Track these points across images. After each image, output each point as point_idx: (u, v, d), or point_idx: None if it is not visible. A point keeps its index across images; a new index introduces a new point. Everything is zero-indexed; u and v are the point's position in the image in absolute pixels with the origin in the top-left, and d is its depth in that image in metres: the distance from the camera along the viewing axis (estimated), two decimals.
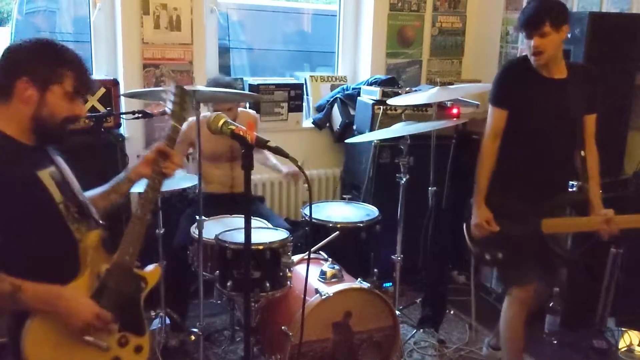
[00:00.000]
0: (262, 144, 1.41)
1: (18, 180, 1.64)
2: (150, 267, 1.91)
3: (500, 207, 2.57)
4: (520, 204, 2.54)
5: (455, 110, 3.60)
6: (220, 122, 1.45)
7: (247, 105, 3.77)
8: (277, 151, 1.44)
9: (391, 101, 3.23)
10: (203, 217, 2.59)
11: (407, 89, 3.69)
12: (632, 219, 2.49)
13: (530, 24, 2.44)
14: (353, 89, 4.06)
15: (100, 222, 1.85)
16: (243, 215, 1.75)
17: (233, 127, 1.43)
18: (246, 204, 1.42)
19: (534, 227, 2.50)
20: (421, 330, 3.27)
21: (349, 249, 2.96)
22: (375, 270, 3.08)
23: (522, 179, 2.57)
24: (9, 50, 1.73)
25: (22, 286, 1.58)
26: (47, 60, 1.69)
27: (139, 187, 1.93)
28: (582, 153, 2.56)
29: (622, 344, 3.21)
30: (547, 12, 2.41)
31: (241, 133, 1.40)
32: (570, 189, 2.55)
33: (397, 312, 2.81)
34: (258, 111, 3.76)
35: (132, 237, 1.81)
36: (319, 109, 4.19)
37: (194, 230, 2.71)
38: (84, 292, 1.71)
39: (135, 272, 1.84)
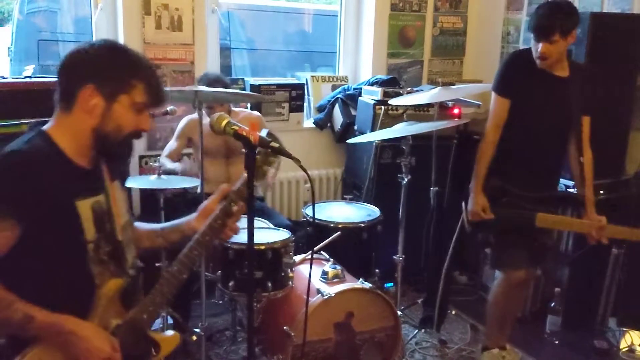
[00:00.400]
0: (265, 144, 1.41)
1: (53, 207, 1.47)
2: (168, 333, 1.72)
3: (498, 191, 2.65)
4: (517, 189, 2.63)
5: (456, 111, 3.60)
6: (224, 123, 1.45)
7: (249, 106, 3.77)
8: (279, 152, 1.44)
9: (392, 101, 3.23)
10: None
11: (409, 89, 3.69)
12: (622, 230, 2.59)
13: (541, 31, 2.49)
14: (354, 89, 4.06)
15: (130, 270, 1.66)
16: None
17: (236, 128, 1.43)
18: (249, 204, 1.41)
19: (528, 219, 2.58)
20: (423, 330, 3.27)
21: (351, 249, 2.96)
22: (377, 270, 3.08)
23: (520, 166, 2.64)
24: (74, 54, 1.55)
25: (34, 317, 1.43)
26: (117, 67, 1.52)
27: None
28: (581, 159, 2.63)
29: (623, 344, 3.21)
30: (559, 22, 2.46)
31: (244, 133, 1.40)
32: (569, 189, 2.60)
33: (399, 313, 2.81)
34: (259, 111, 3.76)
35: (157, 295, 1.61)
36: (320, 109, 4.19)
37: None
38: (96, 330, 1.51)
39: (150, 335, 1.64)
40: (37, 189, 1.43)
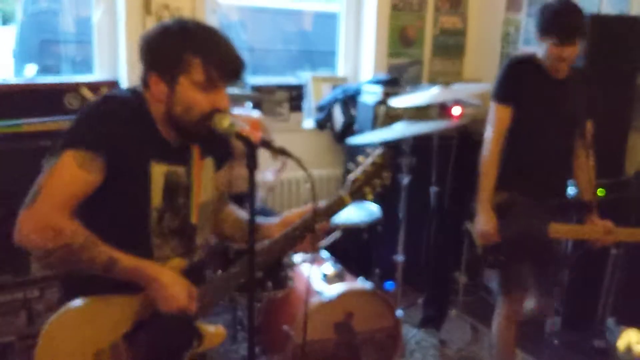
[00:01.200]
0: (267, 145, 1.42)
1: (131, 159, 1.47)
2: (213, 327, 1.63)
3: (506, 204, 2.53)
4: (526, 199, 2.52)
5: (456, 111, 3.60)
6: (225, 123, 1.45)
7: (250, 105, 3.77)
8: (280, 152, 1.44)
9: (393, 102, 3.24)
10: None
11: (409, 89, 3.70)
12: (631, 232, 2.53)
13: (567, 34, 2.37)
14: (354, 89, 4.07)
15: (198, 252, 1.63)
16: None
17: (238, 128, 1.44)
18: (251, 203, 1.42)
19: (540, 230, 2.46)
20: (423, 330, 3.28)
21: (351, 249, 2.97)
22: (377, 270, 3.09)
23: (528, 175, 2.53)
24: (141, 42, 1.52)
25: (119, 260, 1.43)
26: (167, 48, 1.46)
27: None
28: (591, 162, 2.58)
29: (621, 344, 3.22)
30: (581, 23, 2.39)
31: (245, 134, 1.41)
32: (571, 194, 2.57)
33: (399, 313, 2.82)
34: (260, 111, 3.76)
35: (217, 287, 1.59)
36: (320, 109, 4.19)
37: None
38: (131, 314, 1.52)
39: (195, 326, 1.59)
40: (124, 138, 1.45)
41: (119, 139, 1.45)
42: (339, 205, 1.63)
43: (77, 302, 1.49)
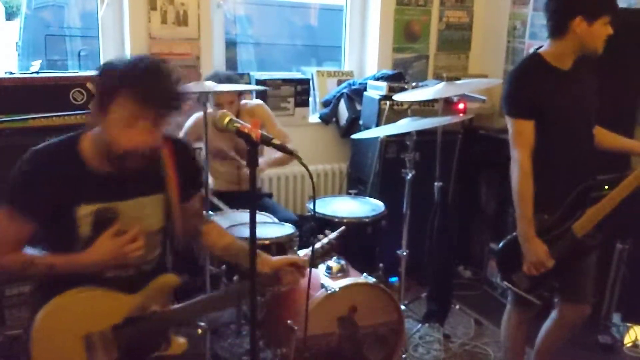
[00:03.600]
0: (267, 142, 1.42)
1: (54, 207, 1.66)
2: (180, 339, 1.86)
3: (545, 225, 2.34)
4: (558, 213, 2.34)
5: (461, 106, 3.60)
6: (226, 120, 1.46)
7: (253, 94, 3.77)
8: (281, 148, 1.45)
9: (397, 97, 3.22)
10: (210, 212, 2.61)
11: (414, 84, 3.69)
12: None
13: (617, 9, 2.28)
14: (359, 84, 4.06)
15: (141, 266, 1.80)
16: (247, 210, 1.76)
17: (238, 125, 1.44)
18: (252, 200, 1.43)
19: (570, 238, 2.33)
20: (426, 324, 3.28)
21: (355, 243, 2.97)
22: (381, 265, 3.09)
23: (562, 187, 2.34)
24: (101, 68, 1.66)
25: (55, 264, 1.66)
26: (104, 83, 1.59)
27: None
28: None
29: (627, 340, 3.21)
30: None
31: (246, 131, 1.41)
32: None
33: (403, 307, 2.83)
34: None
35: (195, 308, 1.82)
36: (325, 104, 4.19)
37: None
38: (124, 310, 1.72)
39: (169, 333, 1.82)
40: (47, 192, 1.62)
41: (40, 192, 1.61)
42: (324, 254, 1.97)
43: (74, 290, 1.67)
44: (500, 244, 2.50)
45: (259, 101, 3.53)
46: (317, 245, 1.92)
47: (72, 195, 1.64)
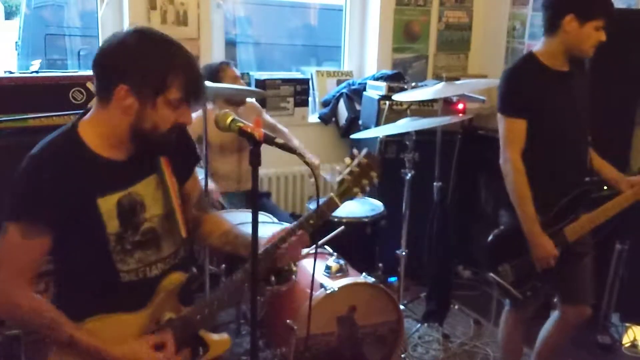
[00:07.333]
0: (270, 141, 1.42)
1: (74, 207, 1.45)
2: (217, 336, 1.68)
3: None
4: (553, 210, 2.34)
5: (461, 106, 3.60)
6: (228, 120, 1.45)
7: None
8: (283, 147, 1.45)
9: (397, 97, 3.22)
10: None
11: (413, 84, 3.69)
12: None
13: (613, 14, 2.25)
14: (359, 84, 4.07)
15: (167, 261, 1.61)
16: (249, 210, 1.75)
17: (241, 125, 1.44)
18: (254, 199, 1.43)
19: (561, 240, 2.33)
20: (425, 324, 3.28)
21: (354, 243, 2.97)
22: (380, 264, 3.10)
23: (556, 186, 2.34)
24: (105, 49, 1.46)
25: (79, 342, 1.46)
26: (148, 67, 1.42)
27: None
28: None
29: (626, 340, 3.22)
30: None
31: (249, 130, 1.41)
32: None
33: (402, 307, 2.83)
34: (264, 106, 3.77)
35: (216, 300, 1.63)
36: (324, 103, 4.20)
37: None
38: (135, 330, 1.55)
39: (200, 334, 1.65)
40: (58, 193, 1.43)
41: (53, 196, 1.43)
42: (329, 206, 1.66)
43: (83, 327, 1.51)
44: (491, 236, 2.49)
45: (251, 100, 3.53)
46: (344, 173, 1.65)
47: (90, 188, 1.48)
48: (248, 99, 3.46)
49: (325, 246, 2.82)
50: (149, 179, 1.57)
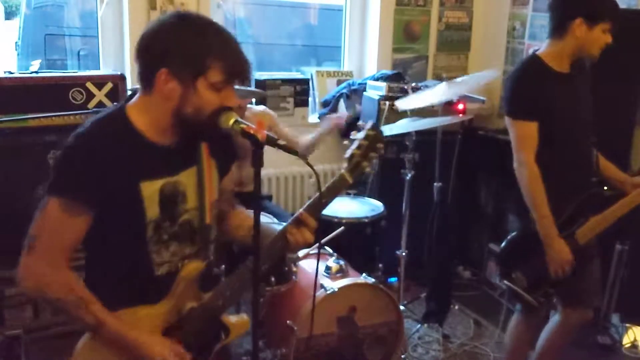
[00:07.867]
0: (273, 143, 1.42)
1: (116, 189, 1.44)
2: (236, 318, 1.69)
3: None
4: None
5: (461, 106, 3.60)
6: (231, 121, 1.45)
7: (253, 101, 3.77)
8: (286, 149, 1.44)
9: (398, 103, 3.14)
10: None
11: (414, 84, 3.69)
12: None
13: (619, 17, 2.26)
14: (359, 84, 4.06)
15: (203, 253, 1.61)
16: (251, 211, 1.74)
17: (244, 126, 1.43)
18: (256, 202, 1.42)
19: (573, 244, 2.31)
20: (425, 325, 3.28)
21: (354, 244, 2.97)
22: (380, 265, 3.10)
23: (569, 190, 2.33)
24: (146, 35, 1.45)
25: (105, 324, 1.47)
26: (188, 49, 1.41)
27: None
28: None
29: (626, 340, 3.22)
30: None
31: (252, 131, 1.41)
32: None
33: (402, 307, 2.83)
34: (264, 106, 3.77)
35: (236, 282, 1.60)
36: (325, 104, 4.19)
37: None
38: (158, 322, 1.55)
39: (222, 319, 1.65)
40: (104, 173, 1.42)
41: (98, 176, 1.42)
42: (340, 183, 1.61)
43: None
44: (503, 243, 2.49)
45: (263, 107, 3.54)
46: (352, 147, 1.61)
47: (135, 171, 1.46)
48: (260, 107, 3.45)
49: (325, 246, 2.82)
50: (192, 169, 1.56)
